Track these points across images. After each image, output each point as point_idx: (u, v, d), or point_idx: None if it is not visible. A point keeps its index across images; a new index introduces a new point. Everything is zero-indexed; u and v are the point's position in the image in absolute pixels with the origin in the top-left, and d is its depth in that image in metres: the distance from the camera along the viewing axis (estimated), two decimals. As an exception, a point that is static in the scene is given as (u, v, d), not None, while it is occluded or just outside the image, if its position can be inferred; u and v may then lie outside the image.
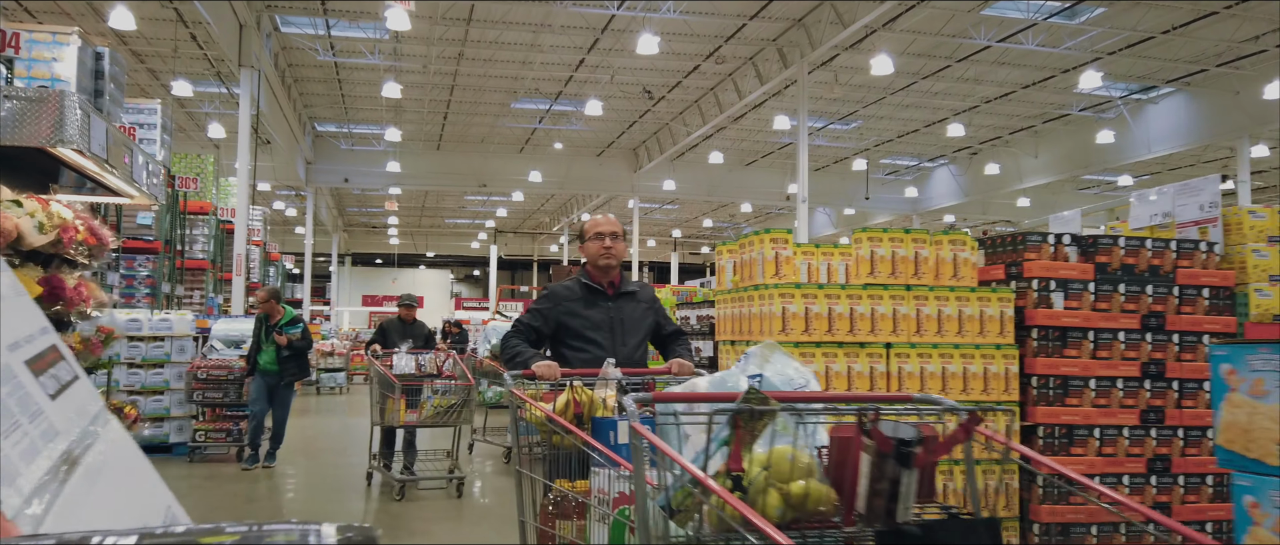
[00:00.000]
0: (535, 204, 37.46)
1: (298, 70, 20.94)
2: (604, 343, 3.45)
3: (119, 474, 1.04)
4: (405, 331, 8.09)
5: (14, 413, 0.86)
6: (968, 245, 4.33)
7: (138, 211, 14.16)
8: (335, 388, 17.63)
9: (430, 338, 8.42)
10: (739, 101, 21.04)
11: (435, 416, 6.96)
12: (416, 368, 7.30)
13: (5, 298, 0.97)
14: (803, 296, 4.08)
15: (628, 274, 3.85)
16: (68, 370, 1.07)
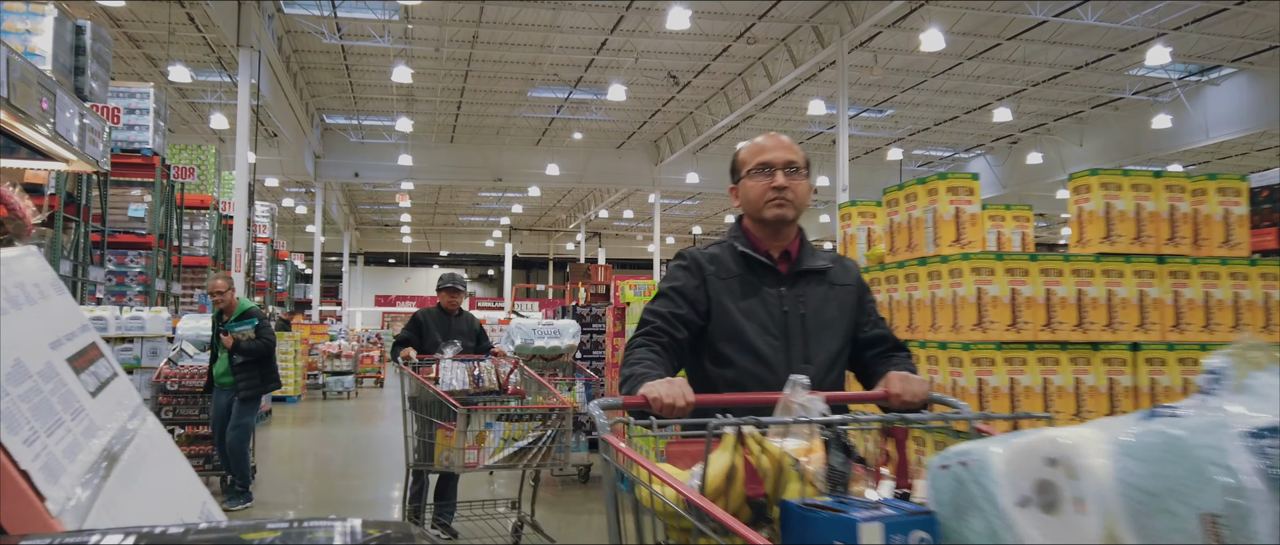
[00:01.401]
0: (552, 199, 36.32)
1: (304, 57, 19.84)
2: (773, 354, 2.04)
3: (156, 470, 1.06)
4: (449, 328, 5.63)
5: (57, 410, 0.88)
6: (1242, 196, 3.01)
7: (129, 204, 13.15)
8: (342, 393, 16.51)
9: (483, 336, 5.93)
10: (769, 87, 19.80)
11: (512, 457, 4.52)
12: (471, 381, 4.90)
13: (47, 296, 1.01)
14: (1007, 272, 2.72)
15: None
16: (107, 367, 1.10)
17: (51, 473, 0.80)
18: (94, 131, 4.29)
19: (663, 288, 2.17)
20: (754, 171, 2.17)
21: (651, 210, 36.58)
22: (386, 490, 7.63)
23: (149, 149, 12.79)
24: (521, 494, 5.33)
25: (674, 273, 2.19)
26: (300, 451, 10.19)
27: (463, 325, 5.81)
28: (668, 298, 2.12)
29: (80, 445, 0.90)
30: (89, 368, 1.03)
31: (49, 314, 0.98)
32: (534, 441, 4.51)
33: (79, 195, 10.33)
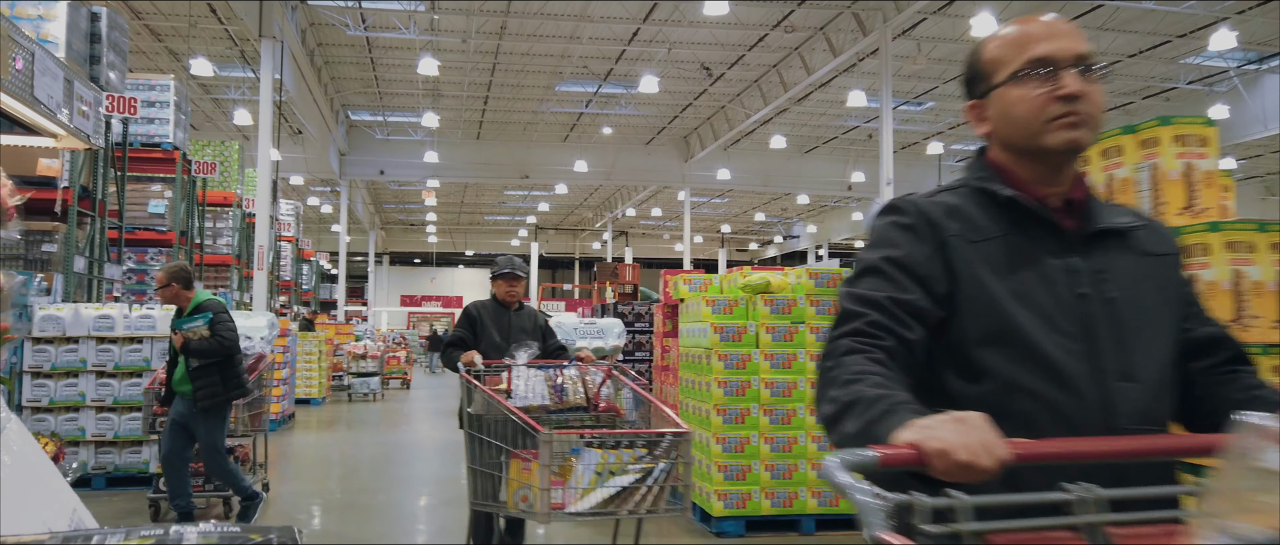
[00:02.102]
0: (579, 198, 35.77)
1: (328, 50, 19.39)
2: (1070, 364, 1.27)
3: (20, 477, 0.99)
4: (508, 324, 4.59)
5: None
6: None
7: (149, 200, 12.72)
8: (368, 394, 16.03)
9: (549, 334, 4.76)
10: (806, 79, 19.09)
11: (610, 501, 3.18)
12: (552, 394, 3.79)
13: None
14: (1274, 248, 1.95)
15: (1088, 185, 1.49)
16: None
17: None
18: (85, 103, 3.72)
19: (872, 260, 1.38)
20: (1023, 73, 1.36)
21: (680, 208, 35.99)
22: (412, 503, 7.07)
23: (169, 143, 12.38)
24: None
25: (888, 234, 1.40)
26: (324, 459, 9.66)
27: (524, 321, 4.69)
28: (884, 275, 1.35)
29: None
30: None
31: None
32: (639, 479, 3.18)
33: (95, 189, 9.87)
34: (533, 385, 3.78)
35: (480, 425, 3.72)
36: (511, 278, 4.78)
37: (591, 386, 3.95)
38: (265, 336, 7.12)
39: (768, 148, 27.36)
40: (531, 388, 3.76)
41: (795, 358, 4.98)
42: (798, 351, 4.99)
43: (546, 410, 3.75)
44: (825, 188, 29.53)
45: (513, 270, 4.80)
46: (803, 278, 5.14)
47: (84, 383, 6.26)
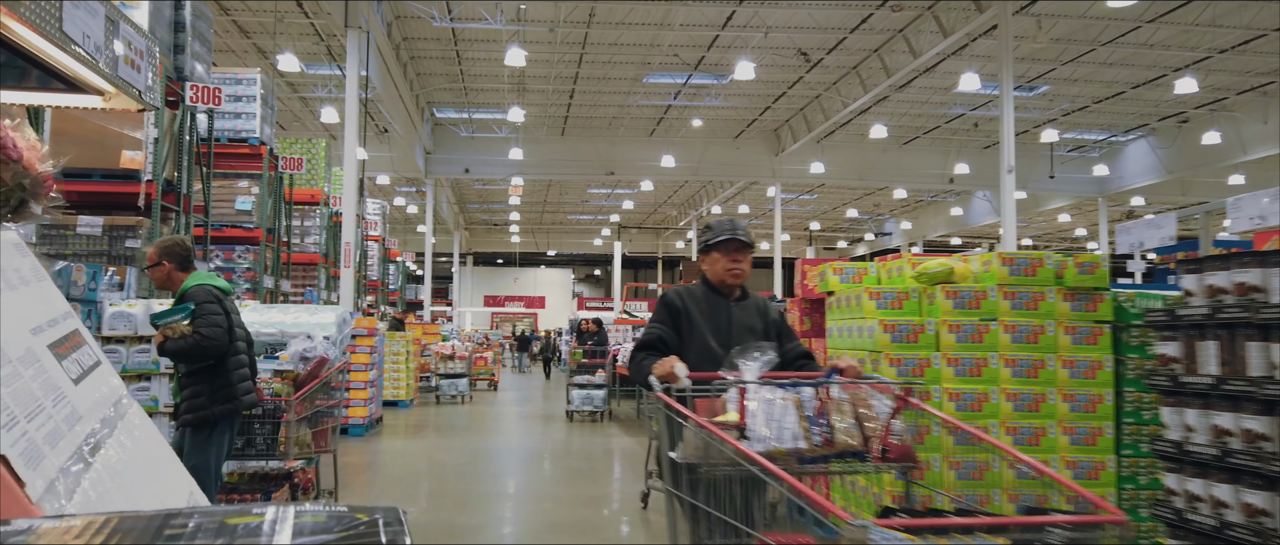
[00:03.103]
0: (663, 195, 34.98)
1: (414, 44, 19.01)
2: None
3: (141, 458, 1.04)
4: (728, 320, 3.26)
5: (37, 396, 0.86)
6: None
7: (236, 196, 12.40)
8: (456, 397, 15.49)
9: (787, 335, 3.37)
10: (911, 62, 17.86)
11: None
12: (812, 431, 2.37)
13: (28, 281, 1.01)
14: None
15: None
16: (90, 355, 1.10)
17: (32, 458, 0.79)
18: (135, 51, 3.00)
19: None
20: None
21: (767, 204, 34.83)
22: (514, 530, 6.31)
23: (256, 137, 12.05)
24: None
25: None
26: (412, 471, 9.02)
27: (750, 315, 3.22)
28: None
29: (62, 432, 0.88)
30: (71, 355, 1.02)
31: (30, 300, 0.98)
32: None
33: (179, 183, 9.47)
34: (778, 417, 2.33)
35: (695, 482, 2.38)
36: (736, 248, 3.25)
37: (873, 418, 2.45)
38: (332, 337, 5.75)
39: (865, 139, 26.08)
40: (777, 420, 2.33)
41: (986, 363, 4.01)
42: (988, 356, 4.02)
43: (801, 458, 2.31)
44: (924, 181, 28.05)
45: (735, 234, 3.26)
46: (992, 265, 4.16)
47: (157, 387, 5.69)
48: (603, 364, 13.13)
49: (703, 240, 3.40)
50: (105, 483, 0.89)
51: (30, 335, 0.92)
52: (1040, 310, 4.10)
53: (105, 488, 0.89)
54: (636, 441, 10.43)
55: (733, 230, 3.31)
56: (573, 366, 13.30)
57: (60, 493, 0.80)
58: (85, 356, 1.07)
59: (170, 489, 1.08)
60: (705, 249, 3.36)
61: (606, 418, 12.77)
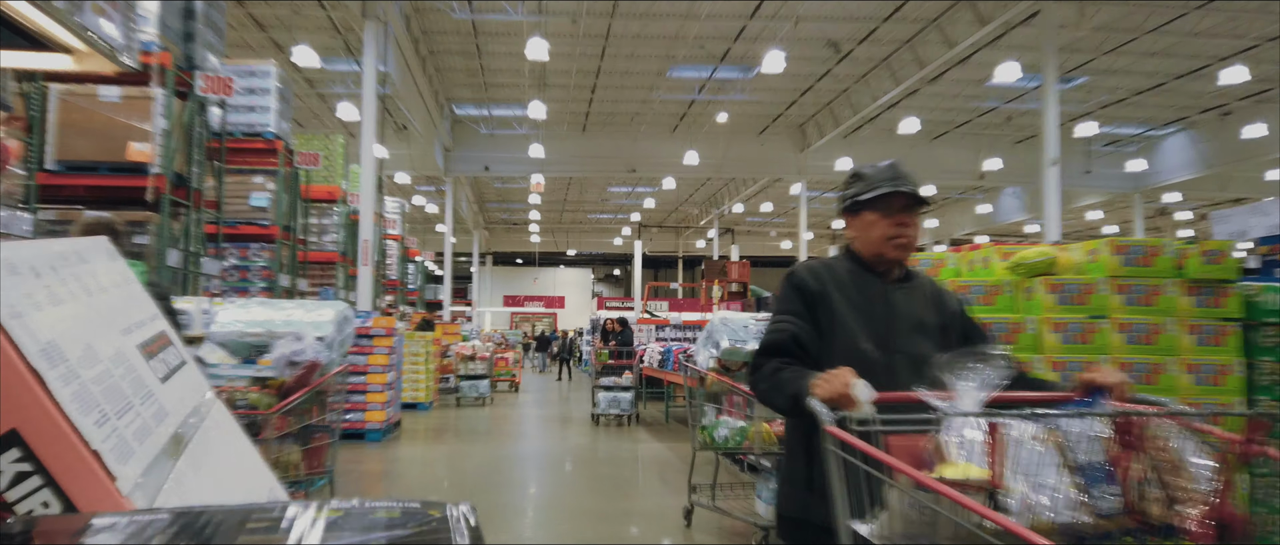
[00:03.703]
0: (685, 192, 34.45)
1: (433, 38, 18.58)
2: None
3: (224, 454, 1.10)
4: (895, 315, 2.22)
5: (127, 394, 0.90)
6: None
7: (250, 193, 12.00)
8: (478, 398, 15.02)
9: (975, 334, 2.29)
10: (945, 53, 17.25)
11: None
12: (1095, 489, 1.43)
13: (118, 284, 1.05)
14: None
15: None
16: (176, 355, 1.14)
17: (122, 453, 0.83)
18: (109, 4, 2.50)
19: None
20: None
21: (790, 203, 34.22)
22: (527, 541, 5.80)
23: (271, 132, 11.66)
24: None
25: None
26: (434, 481, 8.55)
27: (918, 306, 2.25)
28: None
29: (150, 428, 0.92)
30: (159, 355, 1.07)
31: (119, 301, 1.03)
32: None
33: (190, 177, 9.06)
34: (1031, 467, 1.45)
35: None
36: (904, 205, 2.23)
37: (1178, 468, 1.46)
38: (327, 337, 4.72)
39: (892, 134, 25.45)
40: (1031, 473, 1.45)
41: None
42: (1098, 359, 3.49)
43: (1080, 538, 1.41)
44: (953, 177, 27.37)
45: (900, 184, 2.25)
46: (1101, 253, 3.61)
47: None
48: (629, 365, 12.62)
49: (848, 194, 2.30)
50: (190, 478, 0.94)
51: (120, 336, 0.98)
52: (1158, 306, 3.55)
53: (190, 483, 0.94)
54: (667, 447, 9.92)
55: (895, 178, 2.24)
56: (597, 368, 12.80)
57: (149, 487, 0.85)
58: (171, 356, 1.13)
59: (251, 484, 1.12)
60: (852, 207, 2.27)
61: (633, 421, 12.26)
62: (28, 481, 0.77)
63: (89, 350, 0.88)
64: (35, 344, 0.80)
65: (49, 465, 0.77)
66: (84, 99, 8.64)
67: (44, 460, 0.77)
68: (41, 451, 0.77)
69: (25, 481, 0.77)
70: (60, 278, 0.92)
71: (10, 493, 0.77)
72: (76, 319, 0.89)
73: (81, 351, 0.86)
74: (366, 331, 10.84)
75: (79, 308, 0.91)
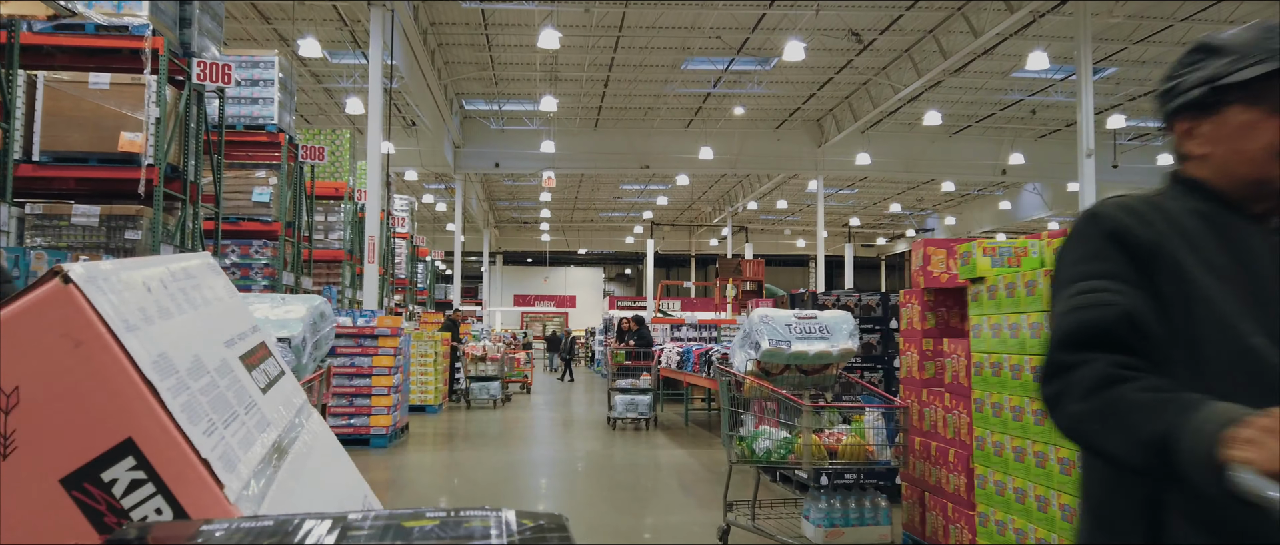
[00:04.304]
0: (699, 189, 33.88)
1: (442, 30, 18.08)
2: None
3: (322, 463, 1.12)
4: None
5: (232, 404, 0.93)
6: None
7: (253, 187, 11.53)
8: (489, 400, 14.50)
9: None
10: (970, 43, 16.65)
11: None
12: None
13: (221, 298, 1.09)
14: None
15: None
16: (275, 366, 1.18)
17: (229, 462, 0.84)
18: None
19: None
20: None
21: (805, 200, 33.61)
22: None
23: (274, 125, 11.18)
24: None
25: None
26: (444, 492, 8.04)
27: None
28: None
29: (253, 438, 0.94)
30: (259, 366, 1.10)
31: (222, 314, 1.06)
32: None
33: (185, 169, 8.56)
34: None
35: None
36: None
37: None
38: (295, 338, 3.77)
39: (913, 128, 24.90)
40: None
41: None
42: None
43: None
44: (975, 172, 26.74)
45: None
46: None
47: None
48: (647, 366, 12.08)
49: (1196, 79, 1.37)
50: (290, 485, 0.96)
51: (224, 348, 1.00)
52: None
53: (290, 490, 0.95)
54: (689, 454, 9.38)
55: None
56: (613, 369, 12.26)
57: (253, 495, 0.85)
58: (271, 367, 1.15)
59: (347, 493, 1.14)
60: (1204, 101, 1.35)
61: (652, 425, 11.72)
62: (142, 489, 0.80)
63: (197, 362, 0.91)
64: (148, 356, 0.83)
65: (162, 473, 0.80)
66: (72, 87, 8.16)
67: (157, 468, 0.80)
68: (155, 459, 0.80)
69: (139, 489, 0.80)
70: (169, 292, 0.96)
71: (126, 500, 0.79)
72: (185, 332, 0.93)
73: (190, 363, 0.90)
74: (371, 331, 10.35)
75: (187, 321, 0.95)
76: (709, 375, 10.38)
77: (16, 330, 0.80)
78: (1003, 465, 3.52)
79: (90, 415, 0.79)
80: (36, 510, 0.78)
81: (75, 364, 0.80)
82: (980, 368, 3.72)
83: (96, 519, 0.78)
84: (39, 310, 0.81)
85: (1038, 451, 3.27)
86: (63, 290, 0.81)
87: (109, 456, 0.79)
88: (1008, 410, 3.50)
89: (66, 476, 0.78)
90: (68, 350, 0.80)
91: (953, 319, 4.47)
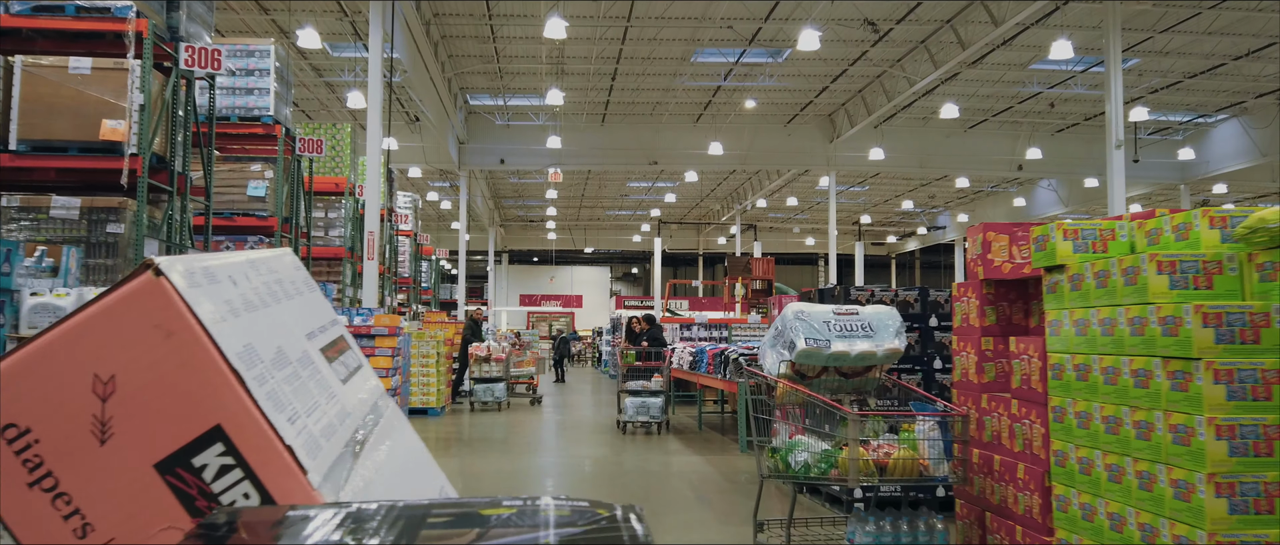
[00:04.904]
0: (708, 186, 33.35)
1: (445, 22, 17.59)
2: None
3: (399, 452, 1.13)
4: None
5: (314, 394, 0.95)
6: None
7: (248, 181, 11.07)
8: (493, 402, 13.99)
9: None
10: (989, 33, 16.10)
11: None
12: None
13: (302, 291, 1.11)
14: None
15: None
16: (354, 358, 1.19)
17: (312, 449, 0.86)
18: None
19: None
20: None
21: (816, 197, 33.07)
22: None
23: (270, 117, 10.73)
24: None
25: None
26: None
27: None
28: None
29: (335, 427, 0.96)
30: (339, 358, 1.12)
31: (304, 308, 1.09)
32: None
33: (171, 159, 8.09)
34: None
35: None
36: None
37: None
38: None
39: (927, 123, 24.36)
40: None
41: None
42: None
43: None
44: (990, 168, 26.16)
45: None
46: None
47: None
48: (659, 367, 11.56)
49: None
50: (370, 474, 0.97)
51: (305, 340, 1.02)
52: None
53: (370, 478, 0.96)
54: (705, 461, 8.87)
55: None
56: (623, 370, 11.75)
57: (336, 482, 0.86)
58: (351, 359, 1.15)
59: (425, 482, 1.14)
60: None
61: (664, 429, 11.21)
62: (230, 474, 0.81)
63: (280, 353, 0.94)
64: (235, 346, 0.84)
65: (249, 459, 0.81)
66: (52, 72, 7.69)
67: (244, 454, 0.81)
68: (242, 446, 0.81)
69: (228, 474, 0.81)
70: (253, 286, 0.97)
71: (216, 484, 0.81)
72: (268, 323, 0.95)
73: (274, 353, 0.92)
74: (367, 331, 9.89)
75: (270, 313, 0.97)
76: (725, 376, 9.87)
77: (112, 321, 0.83)
78: (1092, 485, 3.01)
79: (181, 403, 0.82)
80: (133, 494, 0.81)
81: (167, 353, 0.82)
82: (1060, 370, 3.21)
83: (189, 503, 0.81)
84: (133, 302, 0.83)
85: (1142, 472, 2.75)
86: (155, 283, 0.84)
87: (199, 443, 0.82)
88: (1099, 421, 2.98)
89: (160, 461, 0.82)
90: (160, 340, 0.82)
91: (1016, 314, 3.95)
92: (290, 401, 0.87)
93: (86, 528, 0.80)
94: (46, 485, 0.81)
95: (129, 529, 0.80)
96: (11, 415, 0.81)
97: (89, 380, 0.81)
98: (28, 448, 0.81)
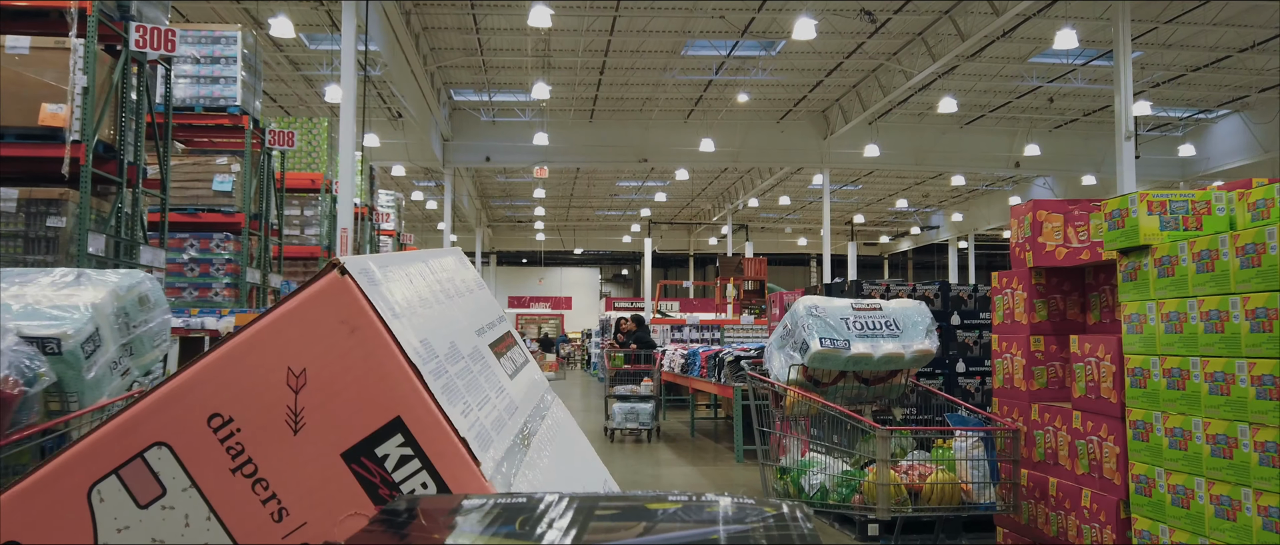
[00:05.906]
0: (699, 185, 32.76)
1: (426, 13, 16.95)
2: None
3: (564, 446, 1.16)
4: None
5: (484, 388, 1.00)
6: None
7: (213, 175, 10.42)
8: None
9: None
10: (990, 23, 15.57)
11: None
12: None
13: (472, 289, 1.15)
14: None
15: None
16: (521, 354, 1.25)
17: (483, 441, 0.90)
18: None
19: None
20: None
21: (809, 196, 32.52)
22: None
23: (236, 107, 10.08)
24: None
25: None
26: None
27: None
28: None
29: (504, 421, 1.00)
30: (507, 354, 1.17)
31: (474, 305, 1.14)
32: None
33: (121, 147, 7.46)
34: None
35: None
36: None
37: None
38: (66, 344, 2.24)
39: (923, 119, 23.84)
40: None
41: None
42: None
43: None
44: (987, 165, 25.67)
45: None
46: None
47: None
48: (649, 370, 10.96)
49: None
50: (538, 466, 0.99)
51: (475, 336, 1.06)
52: None
53: (538, 470, 0.98)
54: (699, 472, 8.26)
55: None
56: (611, 374, 11.14)
57: (506, 474, 0.89)
58: (517, 355, 1.20)
59: (589, 475, 1.17)
60: None
61: (654, 436, 10.60)
62: (409, 464, 0.86)
63: (453, 348, 0.98)
64: (412, 341, 0.89)
65: (427, 449, 0.86)
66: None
67: (422, 445, 0.86)
68: (421, 437, 0.86)
69: (407, 464, 0.86)
70: (427, 283, 1.02)
71: (396, 473, 0.86)
72: (442, 320, 0.99)
73: (447, 349, 0.96)
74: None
75: (443, 310, 1.01)
76: (719, 380, 9.28)
77: (303, 317, 0.88)
78: (1192, 521, 2.42)
79: (365, 395, 0.86)
80: (323, 481, 0.86)
81: (351, 347, 0.87)
82: (1142, 376, 2.63)
83: (372, 491, 0.86)
84: (321, 299, 0.89)
85: (1269, 507, 2.16)
86: (340, 281, 0.89)
87: (382, 433, 0.86)
88: (1202, 440, 2.39)
89: (347, 450, 0.86)
90: (345, 335, 0.87)
91: (1070, 309, 3.37)
92: (463, 395, 0.92)
93: (283, 512, 0.86)
94: (247, 471, 0.87)
95: (319, 514, 0.85)
96: (217, 405, 0.86)
97: (283, 373, 0.86)
98: (231, 435, 0.87)
